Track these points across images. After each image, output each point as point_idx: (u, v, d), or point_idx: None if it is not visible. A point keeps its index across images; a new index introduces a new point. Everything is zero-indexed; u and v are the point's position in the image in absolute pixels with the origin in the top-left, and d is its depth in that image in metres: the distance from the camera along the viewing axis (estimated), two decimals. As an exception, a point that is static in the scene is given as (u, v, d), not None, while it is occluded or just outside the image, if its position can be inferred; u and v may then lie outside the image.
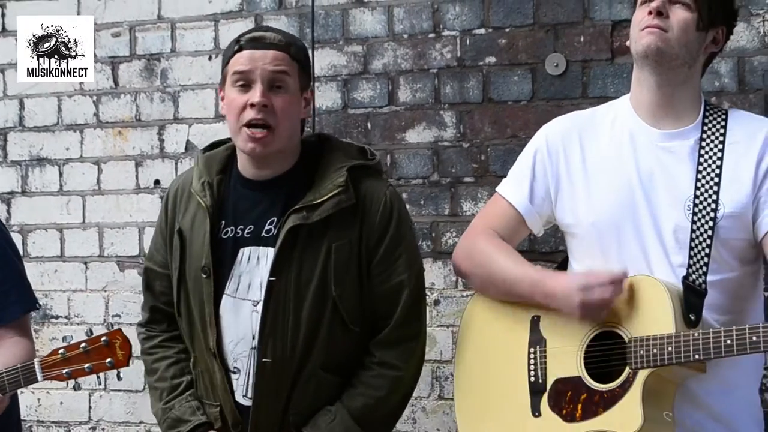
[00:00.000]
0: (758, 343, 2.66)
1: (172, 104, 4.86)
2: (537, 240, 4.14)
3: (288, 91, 3.12)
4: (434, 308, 4.46)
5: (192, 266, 3.18)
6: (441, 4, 4.50)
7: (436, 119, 4.50)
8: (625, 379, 2.81)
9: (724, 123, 2.99)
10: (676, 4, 2.89)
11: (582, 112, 3.20)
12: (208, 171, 3.24)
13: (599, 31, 4.30)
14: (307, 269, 3.09)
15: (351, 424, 3.10)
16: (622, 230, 2.96)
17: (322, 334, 3.10)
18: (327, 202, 3.09)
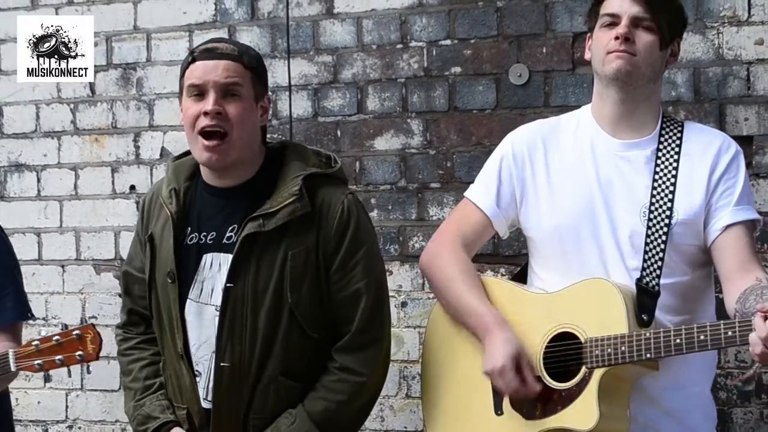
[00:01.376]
0: (705, 341, 2.68)
1: (147, 112, 4.83)
2: (501, 244, 4.14)
3: (241, 99, 3.08)
4: (402, 310, 4.46)
5: (160, 272, 3.17)
6: (408, 16, 4.50)
7: (403, 127, 4.50)
8: (582, 378, 2.83)
9: (680, 134, 3.03)
10: (639, 28, 2.92)
11: (546, 121, 3.22)
12: (176, 178, 3.21)
13: (561, 42, 4.31)
14: (264, 276, 3.06)
15: (311, 427, 3.06)
16: (581, 234, 2.98)
17: (279, 340, 3.07)
18: (282, 210, 3.05)
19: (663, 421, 2.96)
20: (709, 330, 2.68)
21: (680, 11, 3.05)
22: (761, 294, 2.76)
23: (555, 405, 2.87)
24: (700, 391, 3.09)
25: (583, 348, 2.84)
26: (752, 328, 2.58)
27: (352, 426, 3.22)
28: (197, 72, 3.08)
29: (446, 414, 3.10)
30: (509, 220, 3.13)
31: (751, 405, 4.07)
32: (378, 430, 4.47)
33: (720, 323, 2.68)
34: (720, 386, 3.99)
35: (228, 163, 3.09)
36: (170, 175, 3.23)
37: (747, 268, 2.92)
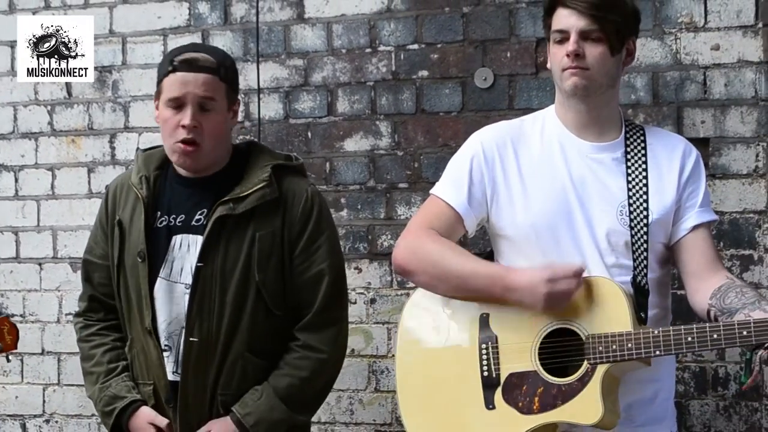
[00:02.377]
0: (719, 340, 2.70)
1: (122, 114, 4.81)
2: (468, 242, 4.15)
3: (216, 112, 3.21)
4: (371, 306, 4.46)
5: (130, 253, 3.25)
6: (377, 21, 4.50)
7: (372, 129, 4.50)
8: (584, 373, 2.82)
9: (643, 139, 3.05)
10: (588, 41, 2.91)
11: (511, 122, 3.20)
12: (146, 167, 3.32)
13: (524, 47, 4.33)
14: (232, 256, 3.17)
15: (276, 402, 3.17)
16: (559, 232, 2.98)
17: (245, 317, 3.18)
18: (252, 195, 3.19)
19: (636, 411, 2.97)
20: (722, 329, 2.69)
21: (630, 12, 3.01)
22: (742, 292, 2.83)
23: (554, 399, 2.84)
24: (669, 384, 3.12)
25: (585, 344, 2.83)
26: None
27: (315, 402, 3.35)
28: (176, 83, 3.18)
29: (428, 410, 3.04)
30: (479, 218, 3.11)
31: (708, 397, 4.10)
32: (348, 423, 4.47)
33: (734, 323, 2.69)
34: (678, 379, 4.01)
35: (199, 167, 3.24)
36: (140, 164, 3.34)
37: (714, 267, 2.97)
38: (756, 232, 4.07)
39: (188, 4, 4.71)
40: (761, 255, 4.06)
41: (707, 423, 4.11)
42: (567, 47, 2.92)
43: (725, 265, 3.97)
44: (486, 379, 2.94)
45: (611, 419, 2.82)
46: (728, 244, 4.08)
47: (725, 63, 4.11)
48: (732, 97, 4.10)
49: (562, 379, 2.85)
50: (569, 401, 2.82)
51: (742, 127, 4.09)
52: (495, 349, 2.94)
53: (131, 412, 3.22)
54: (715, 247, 3.07)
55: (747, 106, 4.08)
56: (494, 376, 2.93)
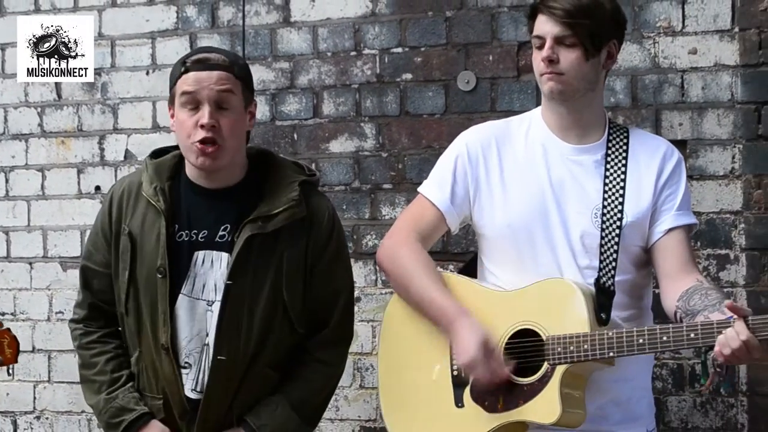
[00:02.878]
0: (668, 342, 2.71)
1: (111, 116, 4.81)
2: (449, 242, 4.16)
3: (233, 110, 3.07)
4: (356, 305, 4.46)
5: (144, 266, 3.12)
6: (361, 24, 4.51)
7: (357, 131, 4.50)
8: (544, 373, 2.84)
9: (626, 141, 3.05)
10: (563, 46, 2.92)
11: (497, 122, 3.22)
12: (158, 177, 3.16)
13: (506, 51, 4.34)
14: (261, 275, 3.08)
15: (291, 414, 3.11)
16: (534, 233, 2.99)
17: (273, 336, 3.10)
18: (282, 213, 3.07)
19: (610, 410, 2.98)
20: (672, 331, 2.71)
21: (607, 18, 2.99)
22: (706, 294, 2.83)
23: (517, 399, 2.86)
24: (643, 383, 3.13)
25: (545, 345, 2.85)
26: (715, 331, 2.62)
27: (321, 409, 3.29)
28: (191, 82, 3.04)
29: (404, 407, 3.08)
30: (461, 216, 3.13)
31: (685, 394, 4.12)
32: (333, 418, 4.48)
33: (683, 326, 2.71)
34: (656, 376, 4.03)
35: (219, 167, 3.09)
36: (152, 174, 3.17)
37: (687, 269, 2.97)
38: (732, 231, 4.09)
39: (176, 7, 4.71)
40: (737, 254, 4.08)
41: (685, 419, 4.13)
42: (542, 53, 2.94)
43: (702, 265, 4.01)
44: (456, 379, 2.98)
45: (572, 418, 2.84)
46: (705, 243, 4.10)
47: (702, 66, 4.13)
48: (709, 99, 4.12)
49: (524, 379, 2.87)
50: (530, 401, 2.85)
51: (719, 130, 4.11)
52: None
53: (140, 426, 3.13)
54: (691, 250, 3.06)
55: (723, 108, 4.10)
56: (463, 376, 2.96)
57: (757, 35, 4.07)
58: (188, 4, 4.70)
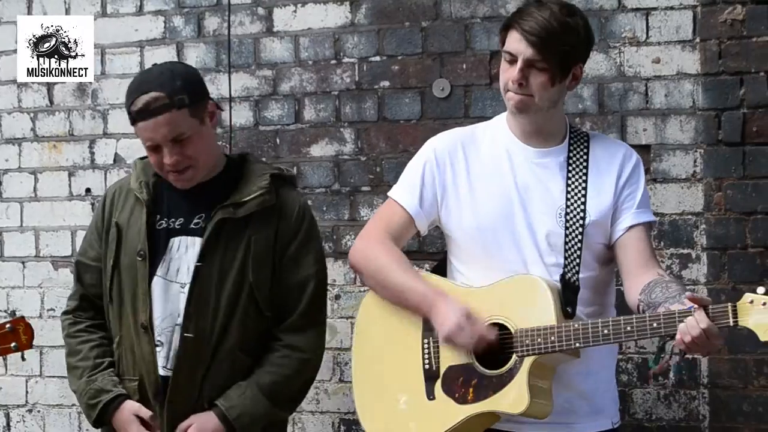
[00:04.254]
0: (632, 332, 2.72)
1: (101, 121, 4.79)
2: (425, 241, 4.17)
3: (191, 135, 3.12)
4: (335, 302, 4.47)
5: (127, 253, 3.23)
6: (341, 34, 4.51)
7: (337, 135, 4.51)
8: (513, 365, 2.84)
9: (586, 145, 3.06)
10: (533, 68, 2.90)
11: (463, 129, 3.22)
12: (144, 174, 3.29)
13: (479, 59, 4.35)
14: (230, 257, 3.16)
15: (260, 397, 3.16)
16: (501, 234, 2.99)
17: (238, 316, 3.16)
18: (252, 200, 3.18)
19: (576, 403, 2.98)
20: (635, 322, 2.72)
21: (582, 41, 2.99)
22: (666, 287, 2.84)
23: (486, 390, 2.86)
24: (607, 375, 3.13)
25: (514, 338, 2.85)
26: (677, 320, 2.63)
27: (295, 399, 3.34)
28: (143, 133, 3.13)
29: (377, 399, 3.08)
30: (430, 219, 3.13)
31: (649, 387, 4.14)
32: (314, 411, 4.48)
33: (645, 316, 2.72)
34: (621, 370, 4.05)
35: (196, 181, 3.21)
36: (139, 171, 3.31)
37: (648, 264, 2.98)
38: (694, 232, 4.11)
39: (164, 17, 4.70)
40: (698, 254, 4.10)
41: (649, 411, 4.14)
42: (513, 71, 2.92)
43: (665, 264, 4.03)
44: (427, 372, 2.97)
45: (541, 409, 2.84)
46: (668, 243, 4.12)
47: (665, 75, 4.15)
48: (672, 106, 4.14)
49: (493, 371, 2.87)
50: (499, 392, 2.85)
51: (681, 135, 4.13)
52: (436, 343, 2.97)
53: (116, 406, 3.18)
54: (651, 247, 3.07)
55: (685, 115, 4.12)
56: (434, 369, 2.96)
57: (717, 45, 4.09)
58: (175, 14, 4.69)
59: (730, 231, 4.07)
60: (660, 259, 3.78)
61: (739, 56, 4.07)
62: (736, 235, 4.06)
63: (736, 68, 4.07)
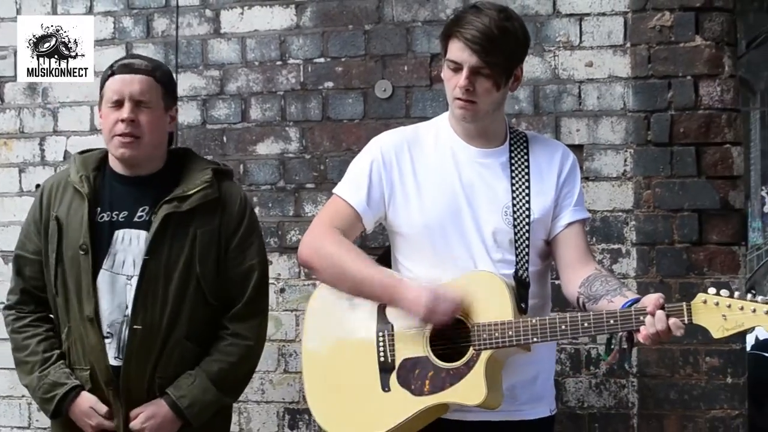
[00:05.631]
0: (589, 328, 2.73)
1: (52, 119, 4.73)
2: (368, 237, 4.17)
3: (153, 109, 3.19)
4: (280, 295, 4.46)
5: (69, 246, 3.19)
6: (287, 36, 4.49)
7: (282, 134, 4.49)
8: (470, 358, 2.82)
9: (526, 145, 3.07)
10: (478, 75, 2.89)
11: (407, 128, 3.18)
12: (84, 168, 3.27)
13: (420, 62, 4.36)
14: (176, 250, 3.16)
15: (209, 385, 3.17)
16: (449, 231, 2.97)
17: (186, 307, 3.16)
18: (196, 194, 3.19)
19: (519, 390, 2.99)
20: (592, 318, 2.73)
21: (521, 43, 2.98)
22: (606, 281, 2.87)
23: (443, 382, 2.84)
24: (549, 365, 3.15)
25: (471, 332, 2.84)
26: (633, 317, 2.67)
27: (241, 385, 3.36)
28: (116, 85, 3.19)
29: (330, 391, 3.02)
30: (376, 217, 3.09)
31: (582, 376, 4.18)
32: (259, 401, 4.46)
33: (602, 312, 2.73)
34: (555, 360, 4.08)
35: (139, 159, 3.20)
36: (78, 165, 3.29)
37: (585, 259, 3.00)
38: (624, 228, 4.16)
39: (113, 18, 4.64)
40: (628, 249, 4.14)
41: (581, 398, 4.18)
42: (459, 79, 2.90)
43: (597, 258, 4.07)
44: (382, 364, 2.93)
45: (495, 400, 2.84)
46: (600, 239, 4.16)
47: (598, 78, 4.19)
48: (603, 108, 4.18)
49: (450, 364, 2.85)
50: (456, 384, 2.83)
51: (612, 135, 4.17)
52: (391, 336, 2.94)
53: (72, 398, 3.17)
54: (587, 242, 3.09)
55: (616, 116, 4.16)
56: (390, 361, 2.92)
57: (647, 50, 4.13)
58: (125, 15, 4.63)
59: (659, 227, 4.12)
60: (593, 253, 3.82)
61: (668, 61, 4.12)
62: (663, 232, 4.11)
63: (664, 72, 4.12)
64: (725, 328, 2.61)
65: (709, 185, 4.08)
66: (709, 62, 4.09)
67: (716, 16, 4.09)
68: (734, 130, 4.09)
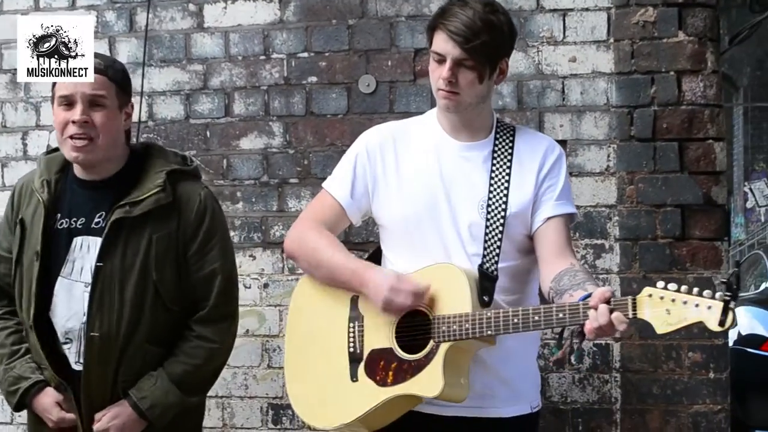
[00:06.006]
0: (539, 321, 2.73)
1: (34, 113, 4.71)
2: (351, 232, 4.15)
3: (106, 108, 3.10)
4: (264, 290, 4.44)
5: (28, 252, 3.15)
6: (270, 31, 4.48)
7: (266, 129, 4.47)
8: (430, 350, 2.82)
9: (512, 138, 3.06)
10: (462, 67, 2.88)
11: (397, 123, 3.19)
12: (47, 171, 3.22)
13: (404, 57, 4.35)
14: (131, 256, 3.09)
15: (171, 387, 3.13)
16: (425, 223, 2.97)
17: (145, 313, 3.11)
18: (147, 199, 3.10)
19: (497, 388, 2.98)
20: (543, 312, 2.72)
21: (506, 36, 2.98)
22: (574, 276, 2.84)
23: (405, 374, 2.85)
24: (528, 361, 3.13)
25: (431, 324, 2.85)
26: (581, 311, 2.64)
27: (205, 386, 3.31)
28: (67, 85, 3.12)
29: (306, 381, 3.06)
30: (362, 210, 3.11)
31: (565, 371, 4.18)
32: (243, 396, 4.45)
33: (552, 306, 2.72)
34: (538, 355, 4.07)
35: (94, 162, 3.13)
36: (42, 168, 3.24)
37: (562, 255, 2.97)
38: (607, 223, 4.15)
39: (96, 12, 4.62)
40: (612, 244, 4.14)
41: (564, 394, 4.17)
42: (443, 70, 2.90)
43: (580, 253, 4.07)
44: (352, 355, 2.95)
45: (457, 392, 2.83)
46: (583, 234, 4.16)
47: (581, 73, 4.18)
48: (587, 103, 4.17)
49: (411, 356, 2.85)
50: (416, 375, 2.83)
51: (596, 131, 4.16)
52: (361, 327, 2.96)
53: (35, 392, 3.14)
54: (568, 237, 3.04)
55: (600, 112, 4.16)
56: (358, 352, 2.94)
57: (630, 45, 4.13)
58: (108, 9, 4.61)
59: (641, 222, 4.12)
60: (575, 249, 3.82)
61: (651, 56, 4.11)
62: (646, 227, 4.11)
63: (647, 67, 4.12)
64: (668, 322, 2.54)
65: (691, 181, 4.08)
66: (691, 58, 4.09)
67: (699, 11, 4.09)
68: (717, 126, 4.10)
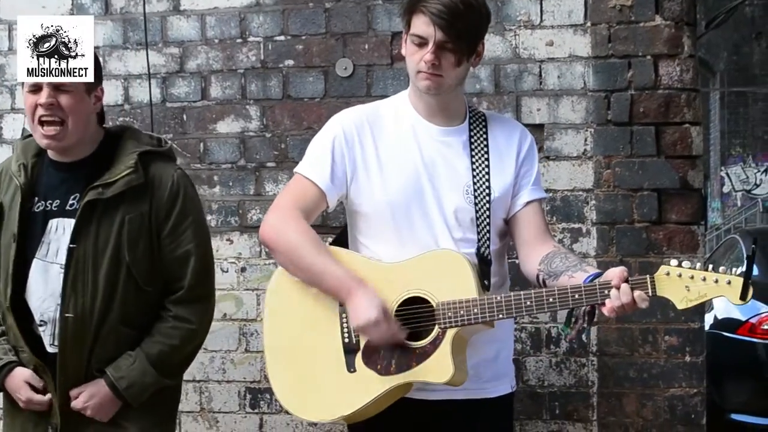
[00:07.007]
0: (554, 303, 2.73)
1: (9, 96, 4.66)
2: (329, 216, 4.14)
3: (74, 91, 3.09)
4: (241, 274, 4.42)
5: (5, 235, 3.15)
6: (247, 14, 4.44)
7: (242, 112, 4.44)
8: (436, 336, 2.79)
9: (485, 125, 3.05)
10: (444, 50, 2.86)
11: (366, 106, 3.13)
12: (24, 155, 3.21)
13: (381, 40, 4.32)
14: (104, 238, 3.09)
15: (148, 367, 3.13)
16: (412, 209, 2.94)
17: (118, 294, 3.10)
18: (119, 180, 3.09)
19: (482, 368, 2.97)
20: (557, 293, 2.72)
21: (484, 19, 2.96)
22: (565, 257, 2.87)
23: (409, 361, 2.82)
24: (509, 343, 3.14)
25: (436, 311, 2.82)
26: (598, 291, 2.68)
27: (182, 367, 3.31)
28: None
29: (295, 374, 2.97)
30: (339, 195, 3.05)
31: (542, 354, 4.18)
32: (221, 380, 4.43)
33: (567, 287, 2.72)
34: (516, 339, 4.07)
35: (66, 146, 3.12)
36: (19, 152, 3.23)
37: (544, 237, 3.00)
38: (584, 207, 4.15)
39: (71, -6, 4.60)
40: (588, 228, 4.14)
41: (541, 377, 4.18)
42: (424, 53, 2.86)
43: (558, 237, 4.07)
44: (347, 345, 2.89)
45: (461, 377, 2.83)
46: (560, 218, 4.15)
47: (558, 57, 4.17)
48: (564, 87, 4.16)
49: (416, 343, 2.82)
50: (423, 362, 2.80)
51: (573, 115, 4.16)
52: None
53: (6, 373, 3.14)
54: (545, 221, 3.08)
55: (577, 96, 4.15)
56: (354, 342, 2.88)
57: (607, 29, 4.12)
58: (83, -9, 4.58)
59: (618, 206, 4.12)
60: (553, 233, 3.81)
61: (627, 40, 4.10)
62: (623, 211, 4.11)
63: (624, 52, 4.11)
64: (688, 299, 2.65)
65: (668, 165, 4.08)
66: (668, 42, 4.08)
67: (676, -5, 4.09)
68: (693, 110, 4.09)
